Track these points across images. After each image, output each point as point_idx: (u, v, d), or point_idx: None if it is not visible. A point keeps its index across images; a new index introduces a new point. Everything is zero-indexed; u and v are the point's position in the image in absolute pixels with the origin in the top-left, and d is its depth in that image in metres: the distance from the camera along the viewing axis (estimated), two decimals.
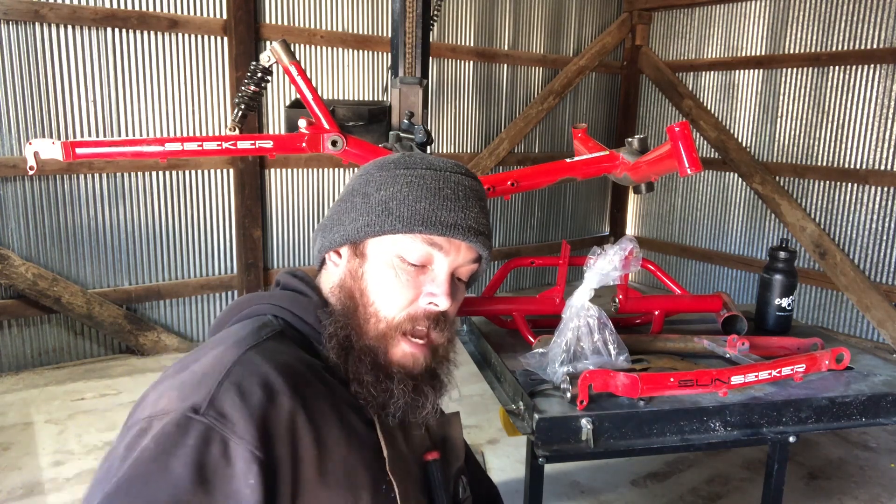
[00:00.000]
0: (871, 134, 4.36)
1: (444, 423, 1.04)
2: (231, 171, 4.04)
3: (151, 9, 3.65)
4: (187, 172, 3.92)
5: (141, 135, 3.71)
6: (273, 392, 0.79)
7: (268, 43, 3.95)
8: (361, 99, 4.44)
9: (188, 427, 0.74)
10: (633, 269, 1.47)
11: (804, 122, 4.71)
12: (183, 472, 0.71)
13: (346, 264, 0.95)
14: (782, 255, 1.87)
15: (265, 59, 2.13)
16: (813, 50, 4.62)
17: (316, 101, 2.13)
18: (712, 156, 5.25)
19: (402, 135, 2.15)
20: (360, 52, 4.39)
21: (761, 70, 4.93)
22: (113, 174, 3.69)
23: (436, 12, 2.58)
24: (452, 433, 1.05)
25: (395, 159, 0.96)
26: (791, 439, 1.45)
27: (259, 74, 2.15)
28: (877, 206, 4.38)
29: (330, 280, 0.97)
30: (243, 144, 2.08)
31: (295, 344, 0.90)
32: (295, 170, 4.27)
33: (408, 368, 0.91)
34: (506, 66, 5.16)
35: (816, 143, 4.65)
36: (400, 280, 0.90)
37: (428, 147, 2.11)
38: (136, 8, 3.60)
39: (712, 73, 5.25)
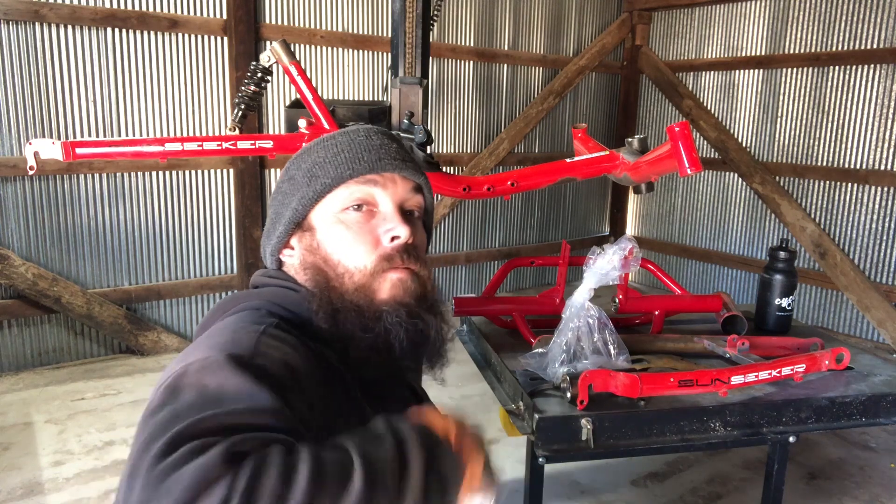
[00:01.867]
0: (871, 134, 4.36)
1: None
2: (231, 171, 4.04)
3: (151, 9, 3.65)
4: (187, 172, 3.92)
5: (141, 135, 3.71)
6: (296, 362, 0.78)
7: (268, 43, 3.95)
8: (361, 99, 4.44)
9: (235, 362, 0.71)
10: (632, 268, 1.47)
11: (804, 122, 4.71)
12: (241, 380, 0.67)
13: (300, 246, 0.95)
14: (782, 255, 1.87)
15: (265, 59, 2.13)
16: (813, 50, 4.62)
17: (316, 101, 2.12)
18: (712, 156, 5.25)
19: (402, 135, 2.14)
20: (360, 52, 4.39)
21: (761, 70, 4.93)
22: (113, 174, 3.69)
23: (436, 12, 2.58)
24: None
25: (306, 145, 1.01)
26: (791, 439, 1.46)
27: (259, 74, 2.15)
28: (877, 206, 4.38)
29: (296, 271, 0.97)
30: (243, 144, 2.07)
31: (291, 332, 0.88)
32: None
33: (399, 296, 0.90)
34: (506, 66, 5.16)
35: (816, 143, 4.65)
36: (352, 230, 0.91)
37: (428, 147, 2.11)
38: (136, 8, 3.60)
39: (712, 73, 5.25)
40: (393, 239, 0.91)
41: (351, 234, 0.91)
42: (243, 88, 2.17)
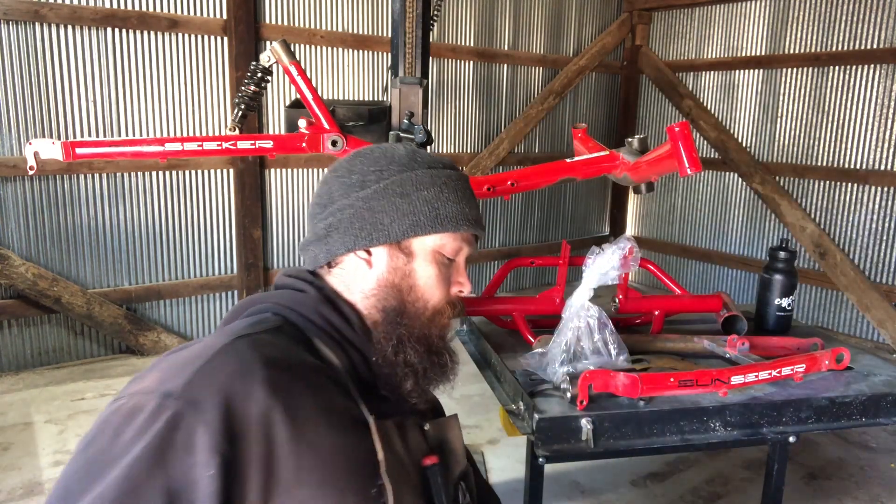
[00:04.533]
0: (871, 134, 4.36)
1: (441, 426, 1.03)
2: (231, 171, 4.04)
3: (151, 9, 3.65)
4: (187, 172, 3.92)
5: (141, 135, 3.71)
6: (251, 384, 0.78)
7: (268, 43, 3.95)
8: (361, 99, 4.44)
9: (160, 410, 0.74)
10: (631, 268, 1.47)
11: (804, 122, 4.71)
12: (144, 454, 0.72)
13: (387, 263, 0.96)
14: (782, 255, 1.87)
15: (265, 59, 2.13)
16: (813, 50, 4.62)
17: (316, 101, 2.12)
18: (712, 156, 5.25)
19: (402, 135, 2.14)
20: (360, 52, 4.39)
21: (761, 70, 4.93)
22: (113, 174, 3.69)
23: (436, 12, 2.58)
24: (451, 436, 1.04)
25: (406, 156, 0.99)
26: (791, 439, 1.45)
27: (259, 74, 2.15)
28: (877, 206, 4.38)
29: (360, 280, 0.97)
30: (243, 144, 2.08)
31: (293, 340, 0.89)
32: (295, 170, 4.27)
33: (447, 335, 1.01)
34: (506, 66, 5.16)
35: (816, 143, 4.65)
36: (441, 273, 0.98)
37: (428, 147, 2.11)
38: (136, 8, 3.60)
39: (712, 73, 5.25)
40: (459, 291, 1.02)
41: (441, 278, 0.98)
42: (243, 88, 2.17)
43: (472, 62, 4.96)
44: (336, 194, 0.98)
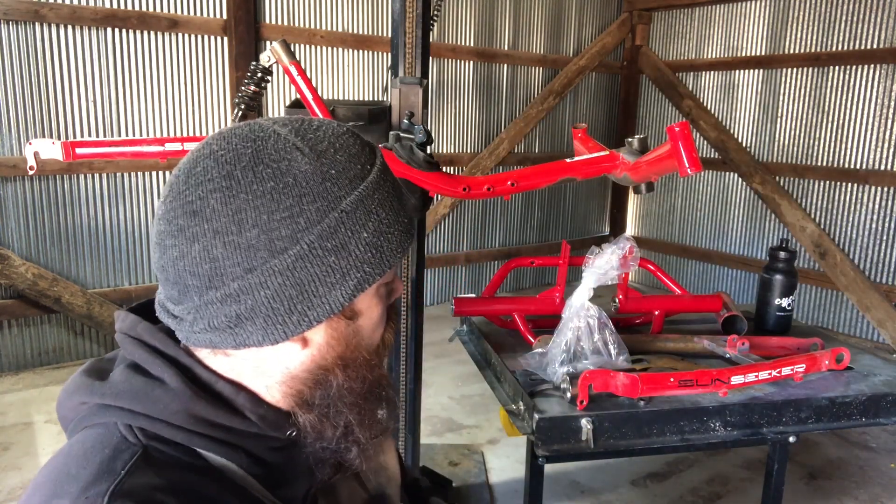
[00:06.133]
0: (871, 134, 4.36)
1: (376, 448, 0.87)
2: None
3: (151, 9, 3.65)
4: None
5: (141, 135, 3.71)
6: None
7: (268, 43, 3.95)
8: (361, 99, 4.44)
9: None
10: (631, 268, 1.48)
11: (804, 122, 4.71)
12: None
13: (327, 336, 0.69)
14: (782, 255, 1.87)
15: (265, 59, 2.13)
16: (813, 50, 4.62)
17: (316, 101, 2.12)
18: (712, 156, 5.25)
19: (402, 135, 2.14)
20: (360, 52, 4.39)
21: (761, 70, 4.93)
22: (113, 174, 3.69)
23: (436, 12, 2.58)
24: (387, 458, 0.91)
25: (314, 173, 0.64)
26: (791, 439, 1.46)
27: (259, 74, 2.15)
28: (877, 206, 4.38)
29: (278, 364, 0.69)
30: None
31: (167, 463, 0.65)
32: None
33: (387, 360, 0.80)
34: (506, 66, 5.16)
35: (816, 143, 4.65)
36: (383, 304, 0.75)
37: (428, 147, 2.11)
38: (136, 8, 3.60)
39: (712, 73, 5.25)
40: (393, 298, 0.79)
41: (383, 310, 0.74)
42: (243, 88, 2.17)
43: (472, 62, 4.96)
44: (228, 264, 0.62)
